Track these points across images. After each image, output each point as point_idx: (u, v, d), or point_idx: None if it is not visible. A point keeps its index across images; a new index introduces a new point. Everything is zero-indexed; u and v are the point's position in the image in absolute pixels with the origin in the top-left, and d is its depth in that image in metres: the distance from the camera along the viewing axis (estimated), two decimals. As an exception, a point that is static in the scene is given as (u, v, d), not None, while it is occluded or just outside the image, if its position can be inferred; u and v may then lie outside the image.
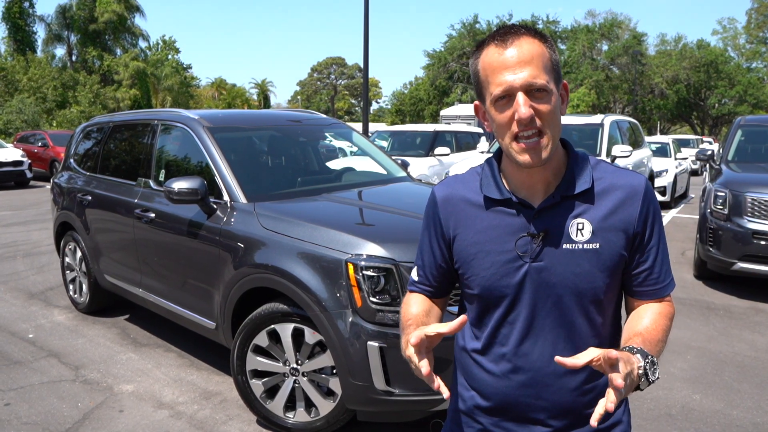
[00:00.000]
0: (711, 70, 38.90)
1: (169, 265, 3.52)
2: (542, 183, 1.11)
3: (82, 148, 4.83)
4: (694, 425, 2.92)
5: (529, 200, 1.11)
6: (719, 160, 6.28)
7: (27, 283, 5.53)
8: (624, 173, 1.13)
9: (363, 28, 14.07)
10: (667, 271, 1.14)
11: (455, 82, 39.36)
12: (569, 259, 1.08)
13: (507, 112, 1.03)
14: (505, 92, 1.02)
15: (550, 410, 1.13)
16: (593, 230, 1.08)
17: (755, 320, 4.56)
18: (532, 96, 1.02)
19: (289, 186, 3.57)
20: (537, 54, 1.02)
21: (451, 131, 11.31)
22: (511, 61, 1.02)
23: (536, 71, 1.01)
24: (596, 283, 1.08)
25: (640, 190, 1.10)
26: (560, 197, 1.09)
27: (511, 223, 1.11)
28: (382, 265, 2.45)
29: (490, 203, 1.14)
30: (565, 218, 1.09)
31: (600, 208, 1.09)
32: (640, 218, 1.09)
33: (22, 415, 3.02)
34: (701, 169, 18.27)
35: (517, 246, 1.10)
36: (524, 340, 1.12)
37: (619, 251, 1.09)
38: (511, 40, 1.03)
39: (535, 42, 1.04)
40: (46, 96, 30.74)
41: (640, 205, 1.09)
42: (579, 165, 1.13)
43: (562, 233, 1.08)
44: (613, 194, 1.10)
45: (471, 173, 1.22)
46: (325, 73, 71.31)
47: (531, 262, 1.09)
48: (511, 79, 1.01)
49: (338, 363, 2.50)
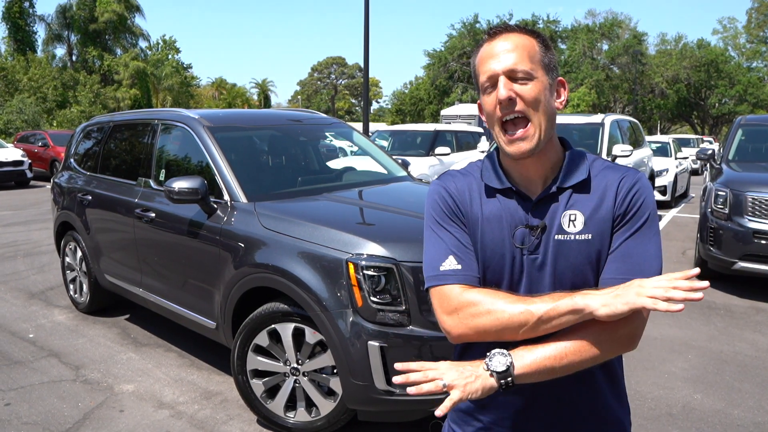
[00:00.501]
0: (711, 70, 38.87)
1: (170, 264, 3.51)
2: (539, 176, 1.12)
3: (83, 148, 4.83)
4: (695, 425, 2.92)
5: (527, 193, 1.12)
6: (720, 159, 6.28)
7: (27, 283, 5.53)
8: (619, 168, 1.14)
9: (363, 27, 14.07)
10: (646, 270, 1.04)
11: (455, 81, 39.34)
12: (564, 251, 1.08)
13: (491, 96, 1.07)
14: (489, 79, 1.07)
15: (550, 408, 1.13)
16: (585, 221, 1.09)
17: (756, 320, 4.55)
18: (516, 81, 1.06)
19: (290, 185, 3.56)
20: (522, 45, 1.07)
21: (451, 131, 11.31)
22: (497, 51, 1.07)
23: (519, 59, 1.06)
24: (586, 275, 1.09)
25: (629, 181, 1.10)
26: (556, 188, 1.11)
27: (511, 215, 1.12)
28: (382, 265, 2.45)
29: (491, 192, 1.15)
30: (559, 210, 1.10)
31: (592, 199, 1.10)
32: (621, 204, 1.09)
33: (23, 415, 3.01)
34: (701, 169, 18.26)
35: (515, 238, 1.10)
36: None
37: (607, 243, 1.09)
38: (502, 34, 1.09)
39: (523, 36, 1.09)
40: (46, 96, 30.75)
41: (625, 193, 1.09)
42: (576, 160, 1.14)
43: (555, 225, 1.09)
44: (606, 187, 1.11)
45: (471, 166, 1.23)
46: (326, 72, 71.32)
47: (528, 255, 1.10)
48: (494, 66, 1.06)
49: (339, 363, 2.50)
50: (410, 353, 2.42)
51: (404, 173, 4.12)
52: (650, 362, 3.66)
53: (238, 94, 52.17)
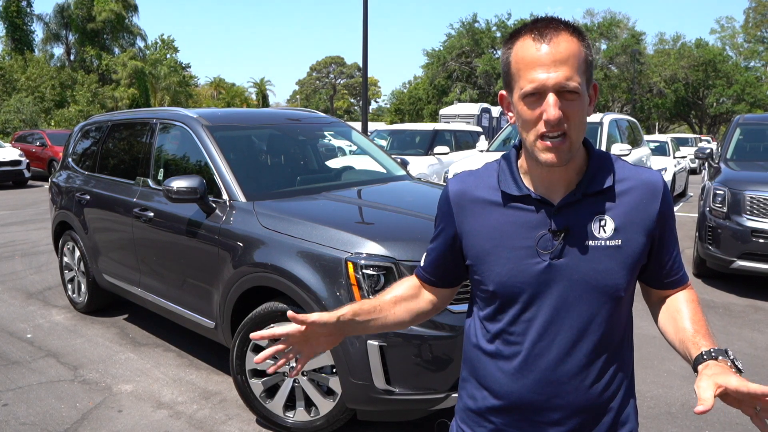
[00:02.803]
0: (709, 69, 38.91)
1: (168, 264, 3.51)
2: (563, 180, 1.10)
3: (81, 148, 4.82)
4: (694, 423, 2.92)
5: (548, 197, 1.10)
6: (718, 158, 6.29)
7: (25, 283, 5.52)
8: (642, 170, 1.14)
9: (362, 27, 14.05)
10: (681, 260, 1.20)
11: (454, 81, 39.35)
12: (592, 256, 1.07)
13: (536, 110, 1.01)
14: (536, 90, 0.99)
15: (565, 410, 1.11)
16: (615, 227, 1.08)
17: (754, 318, 4.56)
18: (563, 97, 0.99)
19: (289, 185, 3.56)
20: (573, 54, 0.99)
21: (450, 130, 11.32)
22: (547, 58, 0.98)
23: (570, 72, 0.98)
24: (618, 280, 1.08)
25: (659, 187, 1.11)
26: (581, 194, 1.09)
27: (530, 220, 1.10)
28: (381, 264, 2.45)
29: (508, 199, 1.12)
30: (587, 215, 1.08)
31: (621, 205, 1.09)
32: (660, 215, 1.10)
33: (21, 416, 3.01)
34: (700, 168, 18.29)
35: (538, 243, 1.08)
36: (541, 339, 1.10)
37: (640, 248, 1.09)
38: (550, 35, 0.99)
39: (573, 40, 1.00)
40: (44, 95, 30.70)
41: (660, 202, 1.11)
42: (600, 163, 1.12)
43: (584, 230, 1.08)
44: (633, 192, 1.10)
45: (487, 168, 1.20)
46: (324, 72, 71.25)
47: (552, 260, 1.08)
48: (544, 78, 0.98)
49: (338, 362, 2.50)
50: (410, 352, 2.42)
51: (403, 172, 4.11)
52: (649, 361, 3.67)
53: (236, 94, 52.11)
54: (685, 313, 1.14)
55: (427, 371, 2.45)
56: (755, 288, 5.38)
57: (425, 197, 3.46)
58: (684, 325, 1.12)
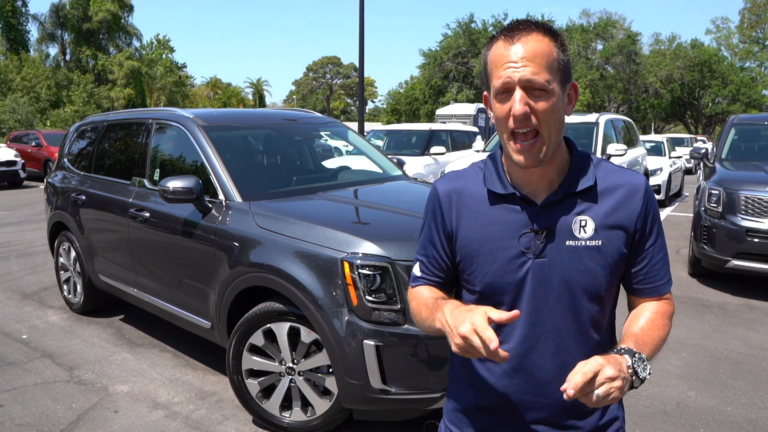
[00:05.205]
0: (705, 70, 39.06)
1: (164, 264, 3.50)
2: (543, 180, 1.11)
3: (76, 148, 4.80)
4: (689, 422, 2.93)
5: (532, 196, 1.11)
6: (713, 158, 6.32)
7: (21, 284, 5.50)
8: (625, 172, 1.14)
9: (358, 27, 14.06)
10: (666, 269, 1.16)
11: (451, 81, 39.36)
12: (572, 256, 1.08)
13: (505, 106, 1.04)
14: (505, 86, 1.03)
15: (552, 408, 1.13)
16: (595, 227, 1.09)
17: (749, 317, 4.58)
18: (531, 94, 1.02)
19: (285, 185, 3.55)
20: (542, 52, 1.02)
21: (446, 130, 11.32)
22: (515, 56, 1.02)
23: (537, 69, 1.01)
24: (598, 280, 1.09)
25: (640, 189, 1.11)
26: (563, 194, 1.10)
27: (515, 219, 1.11)
28: (378, 264, 2.45)
29: (494, 198, 1.13)
30: (568, 215, 1.09)
31: (602, 206, 1.10)
32: (640, 216, 1.11)
33: (16, 417, 3.00)
34: (695, 168, 18.37)
35: (521, 242, 1.09)
36: (526, 339, 1.11)
37: (620, 249, 1.10)
38: (519, 35, 1.03)
39: (543, 40, 1.03)
40: (39, 95, 30.58)
41: (640, 203, 1.11)
42: (582, 163, 1.13)
43: (565, 230, 1.09)
44: (615, 193, 1.11)
45: (473, 168, 1.21)
46: (321, 72, 71.16)
47: (534, 259, 1.09)
48: (511, 74, 1.01)
49: (334, 362, 2.50)
50: (406, 352, 2.42)
51: (399, 172, 4.12)
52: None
53: (232, 94, 52.00)
54: (641, 321, 1.11)
55: (423, 371, 2.46)
56: (750, 287, 5.40)
57: (421, 197, 3.46)
58: (631, 330, 1.09)
